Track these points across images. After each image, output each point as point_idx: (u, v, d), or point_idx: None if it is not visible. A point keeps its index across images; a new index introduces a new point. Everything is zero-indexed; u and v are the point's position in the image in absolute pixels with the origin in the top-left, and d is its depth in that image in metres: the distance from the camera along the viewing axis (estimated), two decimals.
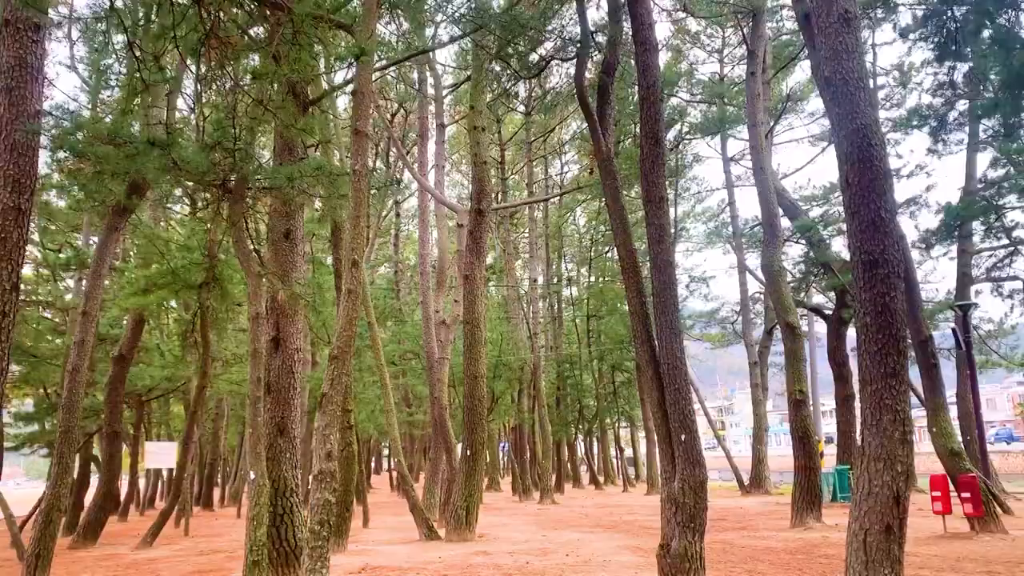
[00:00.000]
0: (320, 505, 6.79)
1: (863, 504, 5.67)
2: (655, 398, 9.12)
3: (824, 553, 11.87)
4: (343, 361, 7.12)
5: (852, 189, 5.81)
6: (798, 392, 16.01)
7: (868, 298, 5.71)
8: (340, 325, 7.11)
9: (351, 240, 7.33)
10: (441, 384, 21.43)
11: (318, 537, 6.55)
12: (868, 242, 5.71)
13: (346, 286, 7.18)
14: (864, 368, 5.75)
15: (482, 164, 17.02)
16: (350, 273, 7.15)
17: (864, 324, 5.74)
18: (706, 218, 37.14)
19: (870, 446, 5.67)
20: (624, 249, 9.42)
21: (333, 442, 6.94)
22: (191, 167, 7.13)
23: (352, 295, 7.09)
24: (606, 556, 12.42)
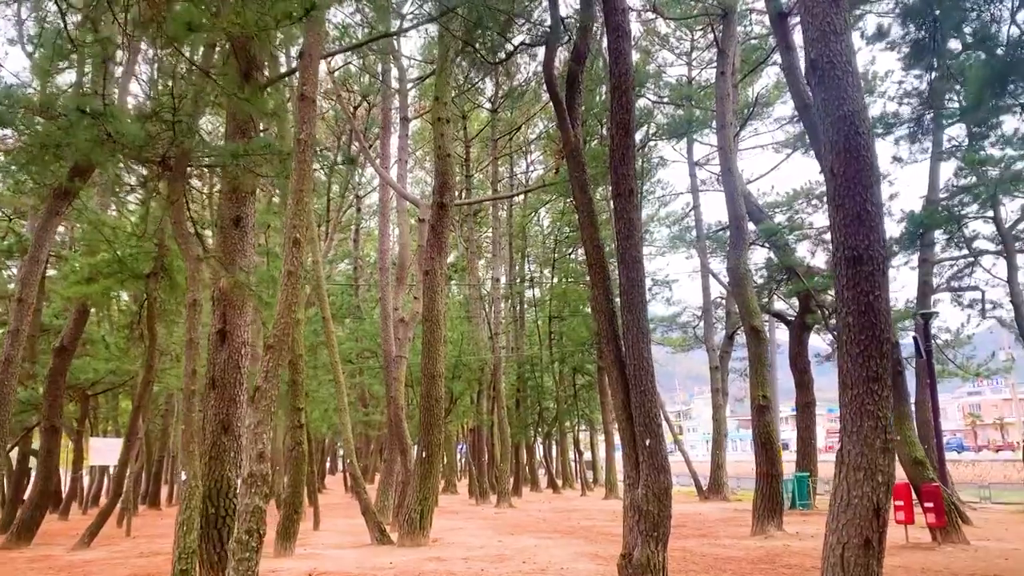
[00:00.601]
0: (249, 511, 6.21)
1: (841, 516, 5.31)
2: (620, 400, 8.73)
3: (787, 563, 11.60)
4: (280, 351, 6.50)
5: (837, 180, 5.46)
6: (762, 397, 15.78)
7: (851, 296, 5.35)
8: (279, 311, 6.51)
9: (293, 217, 6.72)
10: (398, 383, 20.86)
11: (245, 547, 5.92)
12: (852, 237, 5.36)
13: (286, 267, 6.59)
14: (845, 371, 5.39)
15: (445, 157, 16.52)
16: (291, 253, 6.57)
17: (846, 324, 5.39)
18: (670, 222, 37.04)
19: (849, 455, 5.32)
20: (591, 244, 9.01)
21: (266, 441, 6.31)
22: (126, 140, 6.54)
23: (292, 277, 6.52)
24: (563, 563, 12.01)
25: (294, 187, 6.68)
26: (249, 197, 11.46)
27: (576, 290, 40.11)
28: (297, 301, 6.46)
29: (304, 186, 6.80)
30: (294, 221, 6.53)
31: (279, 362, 6.42)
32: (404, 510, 15.80)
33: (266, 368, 6.31)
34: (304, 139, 7.01)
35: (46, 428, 18.15)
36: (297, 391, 14.55)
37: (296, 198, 6.69)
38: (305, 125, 7.17)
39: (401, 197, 24.50)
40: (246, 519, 5.96)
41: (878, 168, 5.47)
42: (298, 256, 6.60)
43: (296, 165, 6.89)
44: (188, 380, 8.31)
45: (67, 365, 18.39)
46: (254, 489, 6.03)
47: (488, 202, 38.21)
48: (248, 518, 5.94)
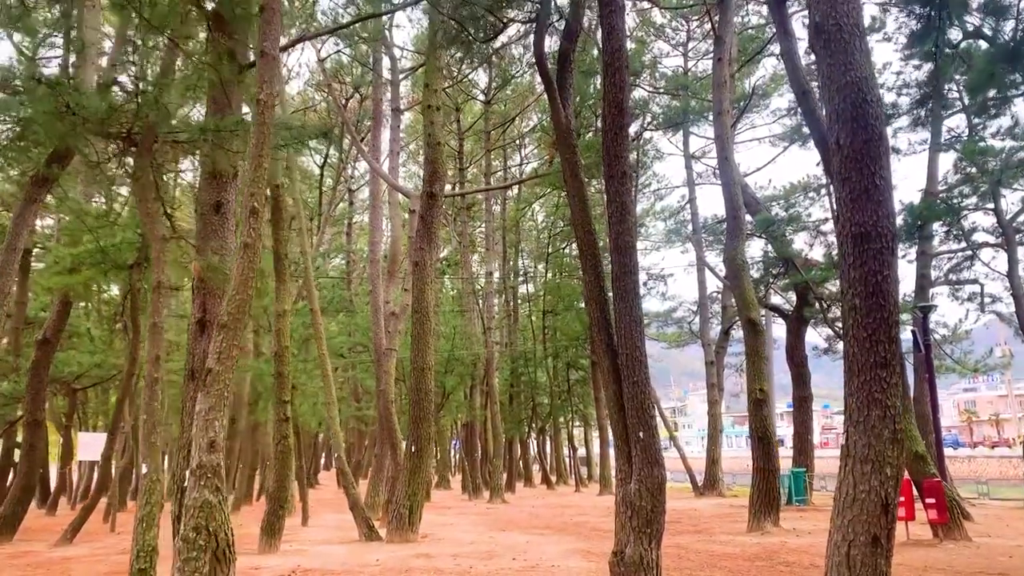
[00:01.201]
0: (197, 507, 5.83)
1: (847, 512, 4.96)
2: (611, 392, 8.38)
3: (784, 560, 11.27)
4: (234, 330, 6.05)
5: (843, 152, 5.11)
6: (759, 391, 15.45)
7: (858, 277, 5.01)
8: (233, 286, 6.07)
9: (250, 184, 6.26)
10: (387, 377, 20.49)
11: (192, 546, 5.47)
12: (859, 212, 5.01)
13: (243, 239, 6.16)
14: (851, 357, 5.04)
15: (435, 145, 16.14)
16: (248, 223, 6.14)
17: (852, 307, 5.04)
18: (666, 215, 36.69)
19: (856, 446, 4.97)
20: (583, 230, 8.65)
21: (218, 429, 5.91)
22: (87, 112, 6.15)
23: (249, 250, 6.08)
24: (555, 561, 11.67)
25: (252, 152, 6.24)
26: (230, 182, 11.05)
27: (570, 285, 39.82)
28: (252, 276, 6.01)
29: (263, 151, 6.35)
30: (251, 189, 6.07)
31: (233, 342, 5.98)
32: (393, 505, 15.44)
33: (218, 349, 5.87)
34: (264, 99, 6.57)
35: (29, 422, 17.73)
36: (283, 384, 14.19)
37: (254, 164, 6.24)
38: (265, 84, 6.70)
39: (393, 189, 24.12)
40: (194, 515, 5.51)
41: (887, 138, 5.13)
42: (255, 227, 6.17)
43: (255, 128, 6.44)
44: (151, 367, 7.92)
45: (50, 358, 17.97)
46: (203, 482, 5.63)
47: (482, 196, 37.82)
48: (196, 514, 5.51)
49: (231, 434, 24.01)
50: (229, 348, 5.81)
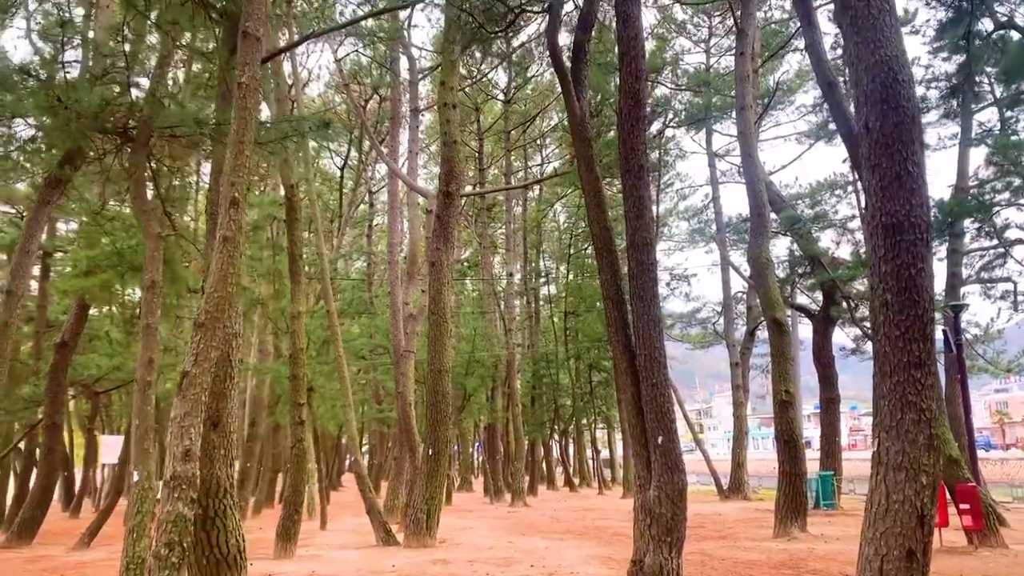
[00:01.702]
0: (170, 521, 5.32)
1: (879, 523, 4.61)
2: (629, 395, 8.07)
3: (811, 568, 10.86)
4: (212, 330, 5.60)
5: (873, 136, 4.76)
6: (784, 392, 15.01)
7: (889, 271, 4.65)
8: (211, 282, 5.72)
9: (231, 173, 5.90)
10: (406, 379, 20.25)
11: (164, 564, 5.04)
12: (891, 201, 4.66)
13: (221, 231, 5.80)
14: (883, 356, 4.69)
15: (452, 143, 15.88)
16: (228, 215, 5.83)
17: (884, 303, 4.69)
18: (689, 215, 36.18)
19: (888, 452, 4.62)
20: (598, 226, 8.35)
21: (194, 437, 5.51)
22: (79, 106, 5.95)
23: (229, 244, 5.73)
24: (574, 567, 11.35)
25: (233, 138, 5.91)
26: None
27: (591, 285, 39.41)
28: (233, 271, 5.72)
29: (244, 137, 6.02)
30: (232, 178, 5.74)
31: (212, 343, 5.63)
32: (410, 510, 15.20)
33: (195, 351, 5.47)
34: (246, 82, 6.27)
35: (47, 426, 17.72)
36: (298, 386, 14.01)
37: (235, 151, 5.91)
38: (247, 66, 6.34)
39: (411, 190, 23.90)
40: (166, 530, 5.12)
41: (920, 122, 4.77)
42: (236, 219, 5.85)
43: (236, 112, 6.12)
44: (143, 370, 7.69)
45: (68, 361, 17.94)
46: (177, 494, 5.26)
47: (502, 197, 37.58)
48: (169, 529, 5.15)
49: (251, 436, 23.97)
50: (207, 350, 5.50)
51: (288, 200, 14.48)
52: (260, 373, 22.63)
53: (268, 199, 20.84)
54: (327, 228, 38.10)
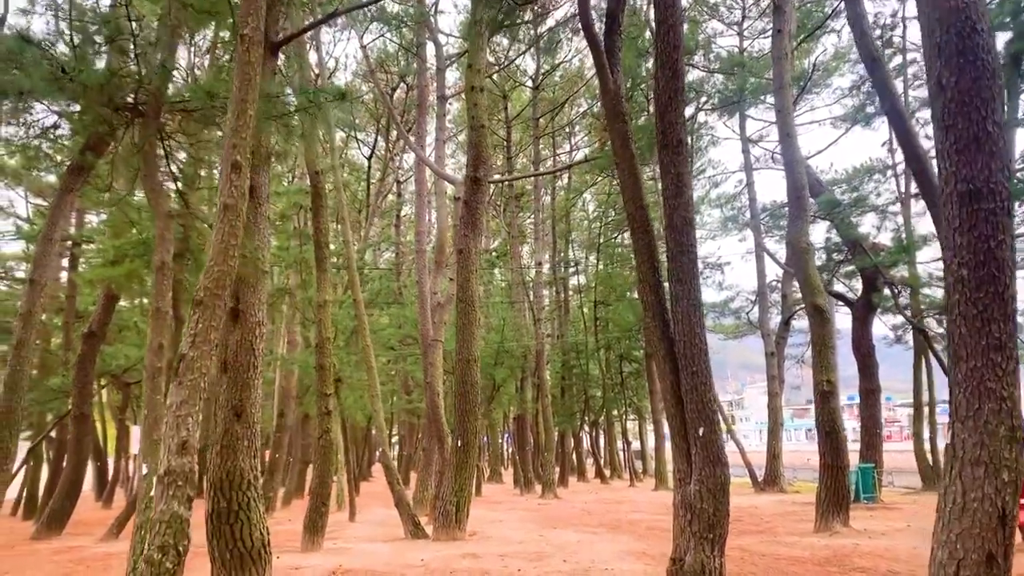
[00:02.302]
0: (164, 521, 4.73)
1: (954, 524, 4.15)
2: (668, 384, 7.63)
3: (859, 565, 10.36)
4: (212, 308, 5.15)
5: (947, 94, 4.28)
6: (826, 382, 14.43)
7: (965, 243, 4.19)
8: (212, 255, 5.27)
9: (232, 135, 5.41)
10: (434, 368, 19.95)
11: (158, 569, 4.40)
12: (967, 166, 4.19)
13: (223, 199, 5.31)
14: (957, 339, 4.23)
15: (479, 128, 15.49)
16: (229, 180, 5.39)
17: (959, 279, 4.22)
18: (722, 202, 35.43)
19: (964, 445, 4.16)
20: (633, 205, 7.90)
21: (191, 428, 4.94)
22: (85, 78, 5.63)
23: (230, 212, 5.27)
24: (608, 563, 10.95)
25: (235, 96, 5.43)
26: (263, 165, 10.60)
27: (622, 275, 38.94)
28: (237, 243, 5.32)
29: (248, 96, 5.55)
30: (234, 140, 5.26)
31: (212, 323, 5.18)
32: (439, 502, 14.91)
33: (193, 331, 4.88)
34: (248, 34, 5.83)
35: (76, 416, 17.69)
36: (324, 376, 13.73)
37: (237, 110, 5.43)
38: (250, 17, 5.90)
39: (438, 177, 23.57)
40: (160, 531, 4.65)
41: (1000, 76, 4.28)
42: (238, 184, 5.43)
43: (238, 68, 5.65)
44: (152, 356, 7.38)
45: (96, 351, 17.89)
46: (172, 491, 4.71)
47: (531, 187, 37.13)
48: (163, 530, 4.65)
49: (280, 427, 23.87)
50: (206, 330, 5.04)
51: (313, 187, 14.21)
52: (288, 364, 22.47)
53: (295, 188, 20.62)
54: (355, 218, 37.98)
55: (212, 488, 9.75)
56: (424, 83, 24.58)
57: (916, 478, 27.74)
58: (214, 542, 9.54)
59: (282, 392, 24.02)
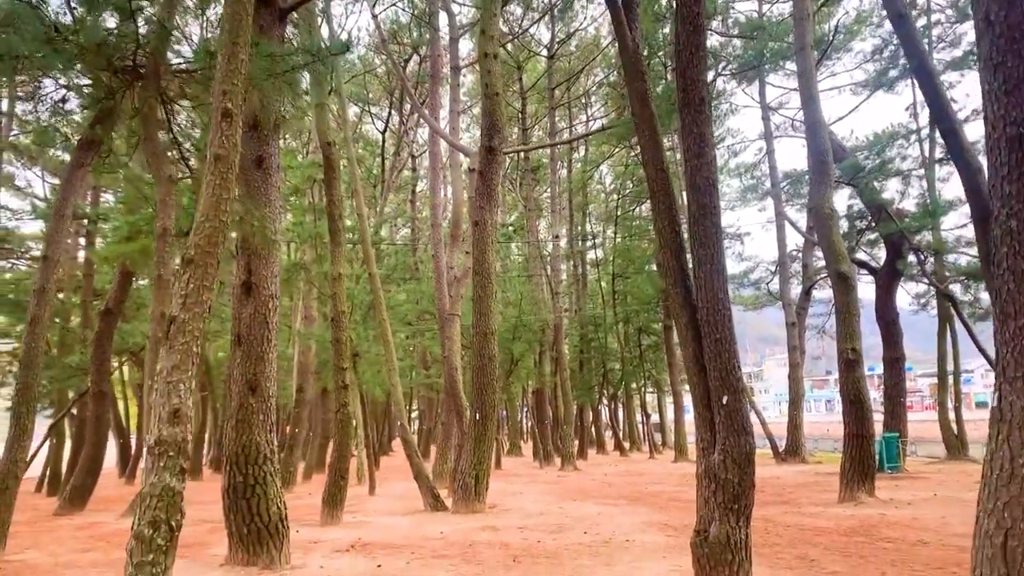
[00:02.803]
0: (155, 495, 4.43)
1: (1002, 492, 3.90)
2: (690, 352, 7.38)
3: (886, 536, 10.14)
4: (204, 267, 4.78)
5: (995, 29, 3.98)
6: (850, 351, 14.12)
7: (1015, 191, 3.90)
8: (202, 210, 4.94)
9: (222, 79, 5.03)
10: (451, 342, 19.82)
11: (149, 547, 4.26)
12: (1018, 108, 3.88)
13: (213, 149, 4.96)
14: (1005, 296, 3.95)
15: (493, 96, 15.18)
16: (220, 129, 5.06)
17: (1007, 230, 3.94)
18: (741, 171, 34.89)
19: (1012, 408, 3.90)
20: (653, 167, 7.62)
21: (183, 395, 4.58)
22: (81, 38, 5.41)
23: (222, 163, 4.90)
24: (629, 535, 10.80)
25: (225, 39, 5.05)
26: (272, 135, 10.40)
27: (640, 247, 38.58)
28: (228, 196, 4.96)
29: (238, 38, 5.17)
30: (224, 86, 4.87)
31: (204, 283, 4.86)
32: (458, 475, 14.81)
33: (184, 292, 4.64)
34: None
35: (94, 393, 17.71)
36: (340, 350, 13.58)
37: (227, 53, 5.06)
38: None
39: (454, 151, 23.29)
40: (151, 505, 4.37)
41: None
42: (229, 134, 5.10)
43: (226, 7, 5.40)
44: (155, 326, 7.20)
45: (113, 328, 17.88)
46: (164, 463, 4.43)
47: (547, 160, 36.73)
48: (154, 504, 4.37)
49: (299, 402, 23.88)
50: (198, 291, 4.72)
51: (326, 159, 13.98)
52: (306, 339, 22.42)
53: (308, 161, 20.41)
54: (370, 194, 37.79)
55: (228, 462, 9.69)
56: (437, 53, 24.23)
57: (939, 447, 27.45)
58: (231, 516, 9.47)
59: (301, 367, 24.00)
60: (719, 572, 6.72)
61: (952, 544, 9.33)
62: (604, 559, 8.95)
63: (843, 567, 8.19)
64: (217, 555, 9.93)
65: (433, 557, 9.47)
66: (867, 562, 8.42)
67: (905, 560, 8.46)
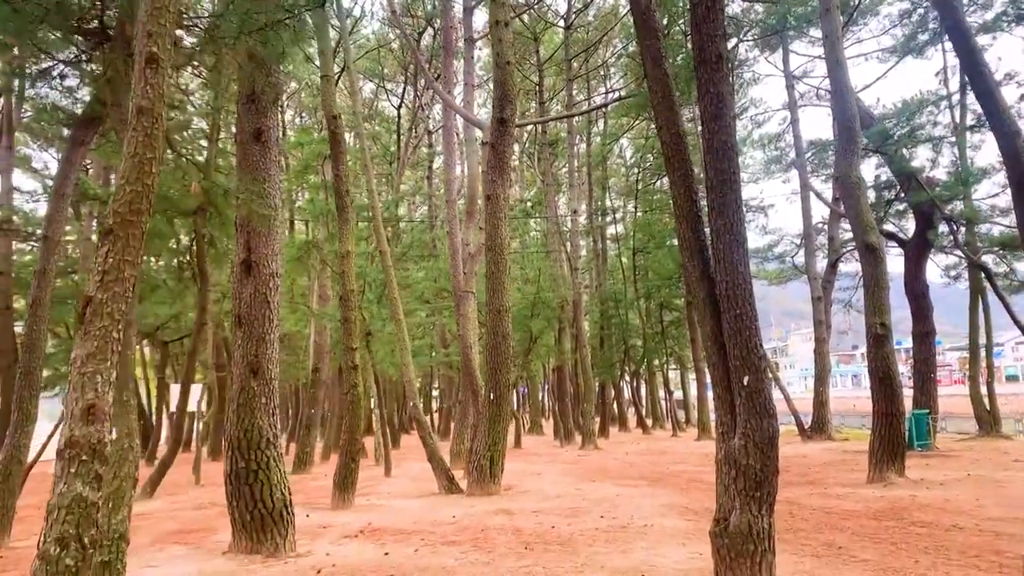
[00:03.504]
0: (64, 506, 3.70)
1: None
2: (709, 329, 6.90)
3: (918, 519, 9.63)
4: (125, 238, 4.14)
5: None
6: (879, 325, 13.53)
7: None
8: (123, 171, 4.28)
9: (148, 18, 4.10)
10: (466, 320, 19.43)
11: (57, 567, 3.57)
12: None
13: (137, 101, 4.34)
14: None
15: (505, 65, 14.62)
16: (143, 77, 4.42)
17: None
18: (764, 142, 34.01)
19: None
20: (668, 132, 7.11)
21: (101, 387, 3.89)
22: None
23: (145, 116, 4.11)
24: (648, 519, 10.38)
25: None
26: (271, 107, 10.00)
27: (661, 221, 37.93)
28: (154, 156, 4.40)
29: None
30: (149, 27, 4.06)
31: (125, 257, 4.25)
32: (473, 456, 14.46)
33: (102, 267, 4.05)
34: None
35: None
36: (350, 329, 13.22)
37: None
38: None
39: (469, 127, 22.76)
40: (59, 518, 3.66)
41: None
42: (155, 82, 4.46)
43: None
44: None
45: None
46: (75, 468, 3.75)
47: (565, 134, 36.07)
48: (63, 517, 3.65)
49: (315, 383, 23.65)
50: (119, 266, 4.03)
51: (331, 132, 13.56)
52: (320, 318, 22.13)
53: (320, 138, 20.01)
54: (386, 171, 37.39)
55: (230, 447, 9.39)
56: (449, 24, 23.67)
57: (968, 423, 26.76)
58: (233, 503, 9.19)
59: (317, 347, 23.76)
60: (740, 564, 6.29)
61: (988, 530, 8.82)
62: (620, 545, 8.55)
63: (873, 554, 7.72)
64: (221, 542, 9.67)
65: (443, 544, 9.13)
66: (898, 549, 7.95)
67: (939, 547, 7.97)
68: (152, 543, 10.42)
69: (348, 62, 18.03)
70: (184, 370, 17.44)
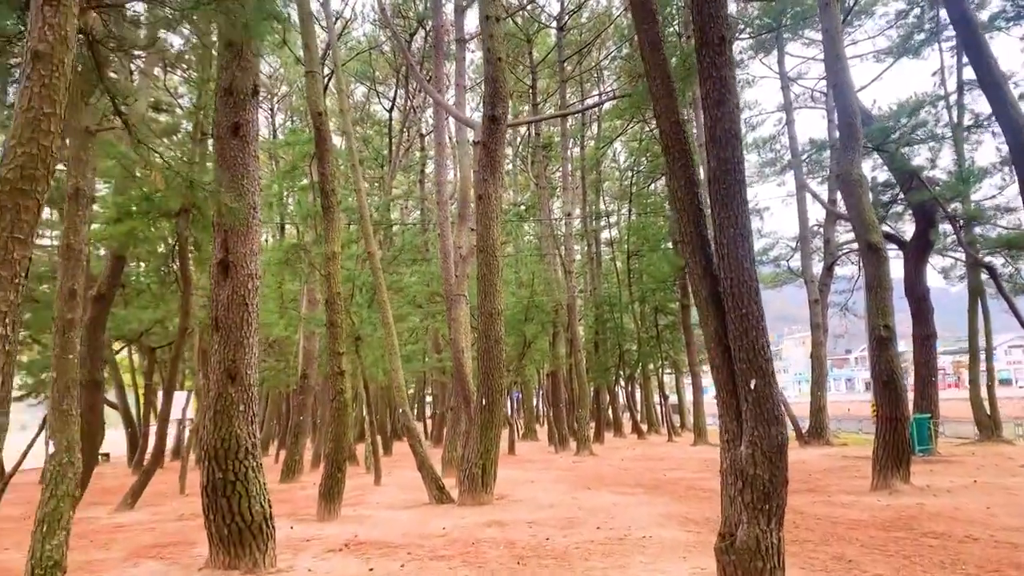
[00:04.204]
0: None
1: None
2: (712, 330, 6.47)
3: (929, 530, 9.19)
4: (16, 211, 3.50)
5: None
6: (883, 327, 13.12)
7: None
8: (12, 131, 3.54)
9: None
10: (457, 324, 18.95)
11: None
12: None
13: (32, 45, 3.65)
14: None
15: (496, 61, 14.20)
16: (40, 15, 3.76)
17: None
18: (759, 145, 33.70)
19: None
20: (667, 120, 6.68)
21: None
22: None
23: (41, 62, 3.58)
24: (646, 529, 9.93)
25: None
26: (249, 100, 9.53)
27: (655, 224, 37.59)
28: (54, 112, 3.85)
29: None
30: None
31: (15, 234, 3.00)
32: (465, 464, 13.98)
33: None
34: None
35: (87, 382, 16.97)
36: (336, 334, 12.75)
37: None
38: None
39: (455, 119, 22.33)
40: None
41: None
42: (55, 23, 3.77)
43: None
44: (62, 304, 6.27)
45: (106, 314, 17.12)
46: None
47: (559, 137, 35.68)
48: None
49: (303, 389, 23.16)
50: (6, 245, 3.43)
51: (316, 130, 13.13)
52: (308, 324, 21.65)
53: (307, 137, 19.55)
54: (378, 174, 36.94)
55: (207, 458, 8.91)
56: (440, 24, 23.24)
57: (965, 427, 26.40)
58: (210, 516, 8.70)
59: (305, 352, 23.26)
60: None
61: (1005, 541, 8.39)
62: (617, 560, 8.10)
63: (885, 569, 7.29)
64: (199, 556, 9.21)
65: (431, 558, 8.67)
66: (912, 563, 7.51)
67: (955, 560, 7.54)
68: (126, 558, 9.93)
69: (336, 61, 17.64)
70: (168, 376, 16.92)
